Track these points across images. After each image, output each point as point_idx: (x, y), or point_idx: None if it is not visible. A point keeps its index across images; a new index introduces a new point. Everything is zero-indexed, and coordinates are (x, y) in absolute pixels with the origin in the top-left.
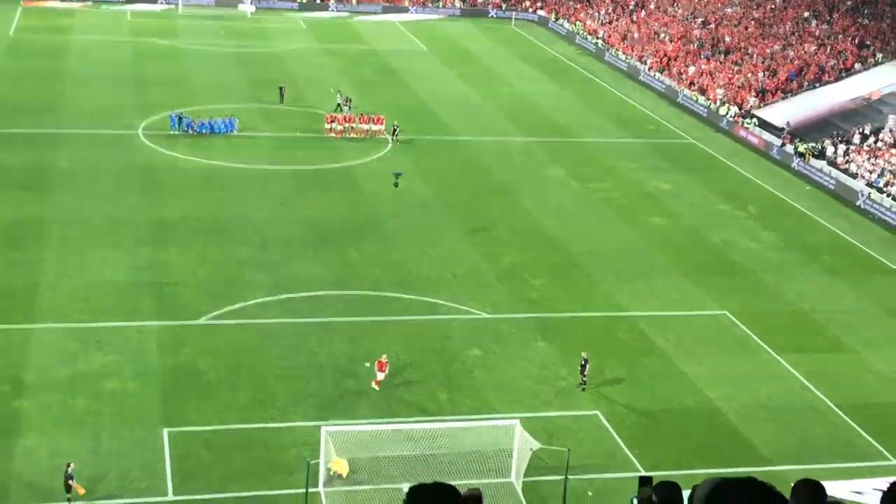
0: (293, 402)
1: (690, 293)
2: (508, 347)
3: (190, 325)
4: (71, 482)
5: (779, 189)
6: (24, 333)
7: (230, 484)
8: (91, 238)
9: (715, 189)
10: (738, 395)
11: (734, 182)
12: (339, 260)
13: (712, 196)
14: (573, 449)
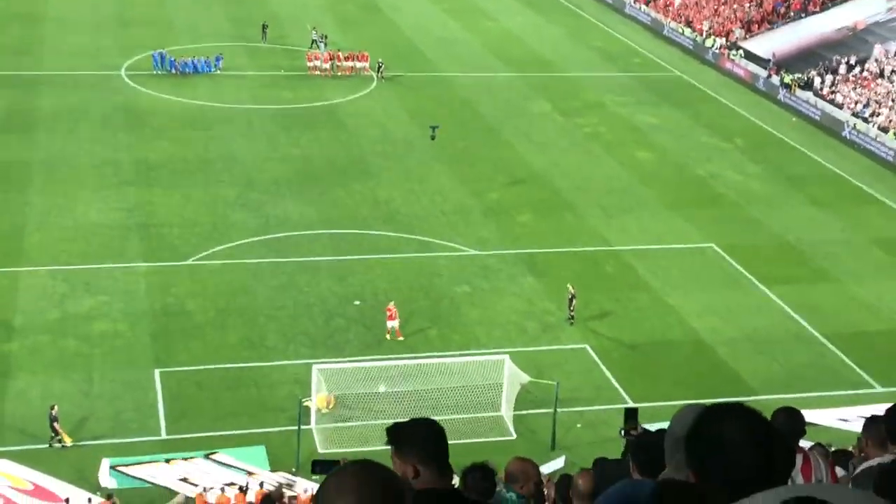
0: (283, 341)
1: (677, 226)
2: (496, 283)
3: (178, 266)
4: (56, 425)
5: (765, 121)
6: (11, 276)
7: (222, 422)
8: (76, 180)
9: (701, 122)
10: (725, 327)
11: (720, 115)
12: (326, 199)
13: (698, 129)
14: (562, 382)
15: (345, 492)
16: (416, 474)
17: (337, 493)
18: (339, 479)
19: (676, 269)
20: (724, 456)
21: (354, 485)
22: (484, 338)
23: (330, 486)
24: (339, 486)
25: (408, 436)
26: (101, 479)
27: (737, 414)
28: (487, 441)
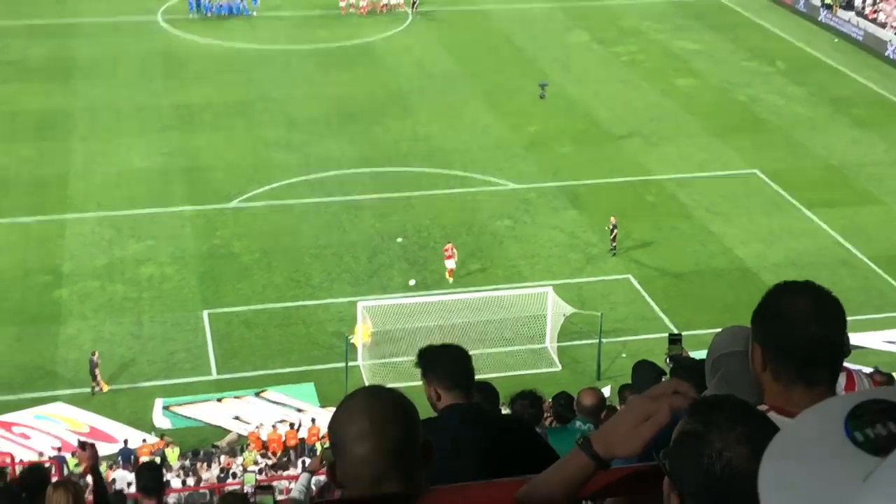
0: (328, 279)
1: (719, 153)
2: (538, 217)
3: (222, 208)
4: (95, 371)
5: (806, 43)
6: (59, 224)
7: (272, 361)
8: (118, 126)
9: (741, 46)
10: (769, 252)
11: (761, 38)
12: (366, 137)
13: (739, 53)
14: (606, 313)
15: (357, 416)
16: (438, 397)
17: (349, 419)
18: (350, 404)
19: (719, 196)
20: (791, 327)
21: (366, 408)
22: (527, 271)
23: (342, 412)
24: (351, 412)
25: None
26: (154, 419)
27: (807, 288)
28: (533, 373)
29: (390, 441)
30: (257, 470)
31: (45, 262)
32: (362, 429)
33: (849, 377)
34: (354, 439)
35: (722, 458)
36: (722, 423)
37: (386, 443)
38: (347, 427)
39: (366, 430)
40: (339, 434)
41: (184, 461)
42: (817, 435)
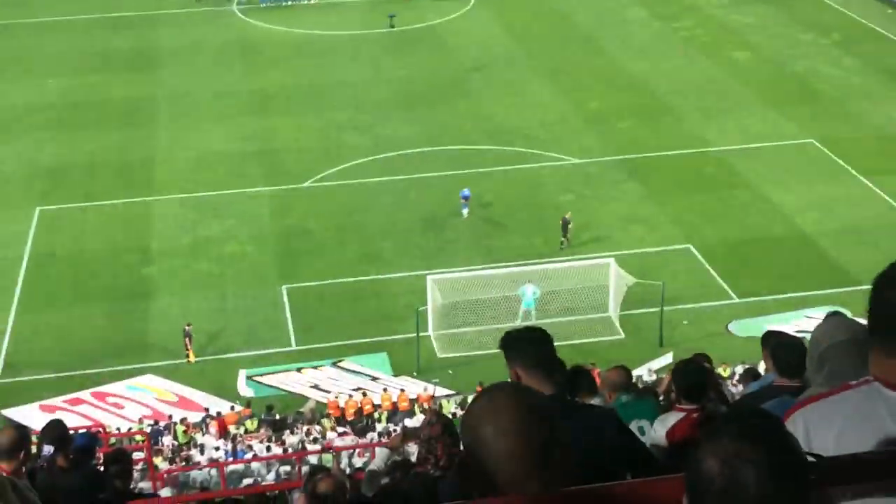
0: (398, 254)
1: (776, 124)
2: (599, 190)
3: (297, 188)
4: (187, 341)
5: (860, 14)
6: (146, 205)
7: (347, 332)
8: (198, 112)
9: (796, 18)
10: (827, 220)
11: (815, 10)
12: (431, 117)
13: (794, 26)
14: (667, 282)
15: (496, 413)
16: (518, 379)
17: (486, 415)
18: (489, 399)
19: (777, 166)
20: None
21: (512, 403)
22: (589, 243)
23: (479, 407)
24: (488, 408)
25: (510, 344)
26: (239, 388)
27: None
28: (597, 341)
29: (537, 439)
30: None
31: (134, 241)
32: (510, 422)
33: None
34: (499, 434)
35: (699, 470)
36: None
37: (533, 441)
38: (491, 421)
39: (513, 424)
40: (480, 429)
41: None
42: None
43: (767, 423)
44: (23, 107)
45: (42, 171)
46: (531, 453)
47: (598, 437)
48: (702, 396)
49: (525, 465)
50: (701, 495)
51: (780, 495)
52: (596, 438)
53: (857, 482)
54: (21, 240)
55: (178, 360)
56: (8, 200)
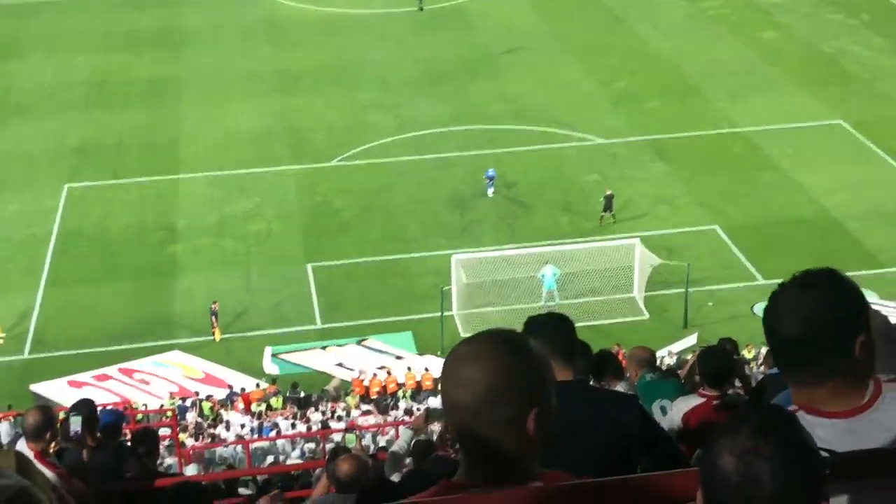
0: (423, 234)
1: (804, 104)
2: (625, 170)
3: (323, 167)
4: (213, 319)
5: None
6: (172, 183)
7: (372, 311)
8: (224, 91)
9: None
10: (854, 202)
11: None
12: (456, 96)
13: (823, 6)
14: (692, 263)
15: (481, 357)
16: None
17: (472, 362)
18: (472, 344)
19: (804, 147)
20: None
21: (491, 349)
22: (615, 223)
23: (461, 352)
24: (473, 354)
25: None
26: (264, 366)
27: None
28: (621, 322)
29: (519, 382)
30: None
31: (160, 219)
32: (473, 373)
33: None
34: (456, 385)
35: (715, 466)
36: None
37: (515, 385)
38: (469, 363)
39: (493, 367)
40: (443, 378)
41: (292, 406)
42: None
43: (782, 418)
44: (51, 85)
45: (70, 150)
46: (511, 397)
47: (617, 422)
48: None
49: (503, 410)
50: (716, 491)
51: (795, 491)
52: (615, 423)
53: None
54: (49, 217)
55: (204, 337)
56: (36, 178)
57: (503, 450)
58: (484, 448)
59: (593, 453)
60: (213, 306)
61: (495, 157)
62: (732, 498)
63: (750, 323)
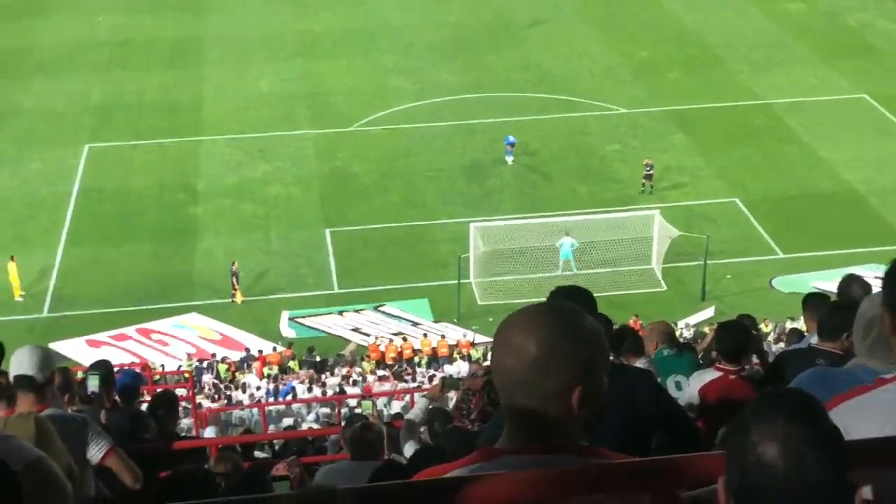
0: (442, 201)
1: (828, 78)
2: (646, 141)
3: (343, 132)
4: (234, 280)
5: None
6: (193, 145)
7: (389, 277)
8: (246, 53)
9: None
10: (877, 177)
11: None
12: (478, 64)
13: None
14: (711, 235)
15: (533, 327)
16: None
17: (523, 330)
18: (528, 313)
19: (827, 121)
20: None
21: (545, 320)
22: (634, 194)
23: (516, 322)
24: (526, 323)
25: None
26: (281, 329)
27: None
28: (638, 293)
29: (575, 356)
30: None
31: (181, 181)
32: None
33: None
34: (509, 354)
35: (755, 452)
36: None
37: (573, 357)
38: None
39: (546, 338)
40: (511, 338)
41: (308, 370)
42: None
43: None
44: (73, 44)
45: (91, 109)
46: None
47: (633, 398)
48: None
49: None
50: (757, 477)
51: (835, 475)
52: (632, 400)
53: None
54: (70, 176)
55: (222, 299)
56: (58, 137)
57: (546, 420)
58: (527, 417)
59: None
60: (234, 267)
61: (516, 124)
62: (778, 484)
63: (768, 296)
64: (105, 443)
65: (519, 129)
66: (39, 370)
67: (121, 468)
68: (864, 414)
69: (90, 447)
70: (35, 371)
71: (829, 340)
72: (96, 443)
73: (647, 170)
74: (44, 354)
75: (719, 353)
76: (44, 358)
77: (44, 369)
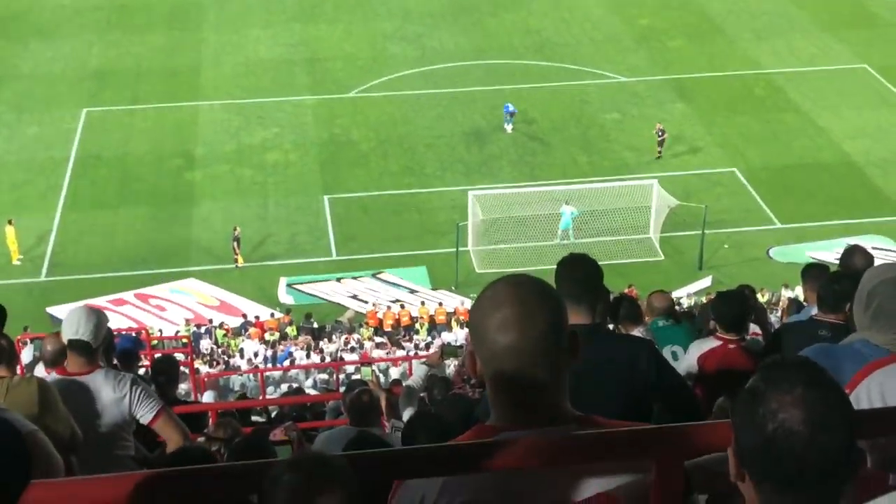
0: (441, 168)
1: (829, 47)
2: (646, 110)
3: (342, 98)
4: (234, 245)
5: None
6: (191, 110)
7: (387, 244)
8: (245, 18)
9: None
10: (876, 147)
11: None
12: (479, 30)
13: None
14: (710, 205)
15: (501, 303)
16: None
17: (492, 306)
18: (492, 292)
19: (828, 91)
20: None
21: (510, 295)
22: (633, 163)
23: (485, 300)
24: (494, 299)
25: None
26: (279, 295)
27: None
28: (636, 262)
29: (536, 329)
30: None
31: (179, 146)
32: (506, 316)
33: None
34: (498, 328)
35: (776, 419)
36: (782, 384)
37: (531, 330)
38: (491, 315)
39: (509, 317)
40: (480, 323)
41: (307, 336)
42: None
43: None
44: (71, 7)
45: (89, 73)
46: (534, 342)
47: (632, 366)
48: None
49: (527, 355)
50: (782, 443)
51: (852, 439)
52: (630, 368)
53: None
54: (68, 140)
55: (220, 265)
56: (55, 101)
57: (539, 388)
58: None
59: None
60: (236, 232)
61: (515, 92)
62: (802, 449)
63: (765, 266)
64: (155, 403)
65: (518, 97)
66: (93, 336)
67: (169, 428)
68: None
69: (140, 407)
70: (90, 336)
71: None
72: (147, 403)
73: (660, 135)
74: (98, 321)
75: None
76: (97, 324)
77: (97, 335)
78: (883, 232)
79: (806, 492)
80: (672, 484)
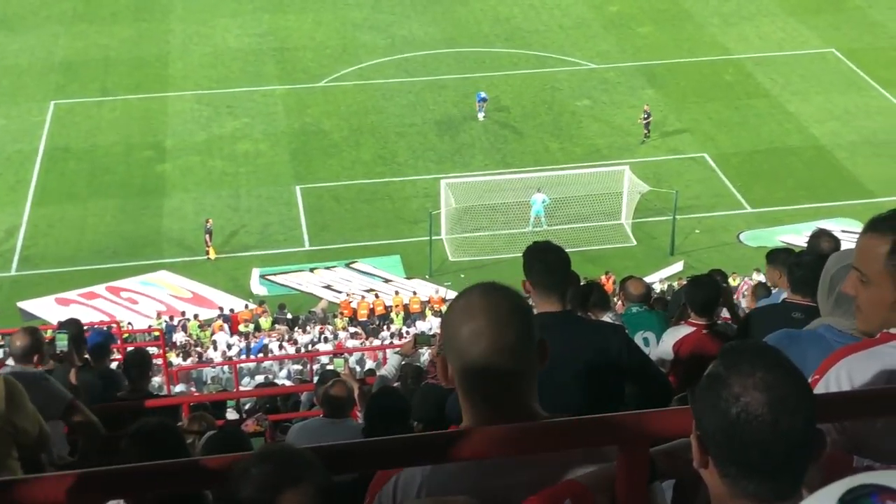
0: (413, 157)
1: (797, 32)
2: (616, 96)
3: (312, 87)
4: (207, 237)
5: None
6: (160, 101)
7: (360, 234)
8: (213, 8)
9: None
10: (844, 131)
11: None
12: (448, 18)
13: None
14: (681, 190)
15: (473, 314)
16: (528, 293)
17: (464, 316)
18: (464, 302)
19: (796, 75)
20: None
21: (482, 305)
22: (605, 149)
23: (457, 310)
24: (466, 309)
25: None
26: (252, 287)
27: None
28: (608, 248)
29: (507, 339)
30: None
31: (148, 137)
32: (479, 326)
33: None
34: (470, 338)
35: (738, 403)
36: (743, 368)
37: (502, 340)
38: (463, 324)
39: (482, 327)
40: (453, 333)
41: (280, 327)
42: None
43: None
44: None
45: (56, 65)
46: (505, 351)
47: (604, 352)
48: (713, 312)
49: (500, 362)
50: (745, 427)
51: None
52: (602, 354)
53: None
54: (36, 133)
55: (192, 257)
56: (23, 93)
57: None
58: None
59: (580, 384)
60: (208, 224)
61: (486, 80)
62: (767, 433)
63: (736, 251)
64: (64, 397)
65: (490, 84)
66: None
67: (83, 421)
68: (869, 366)
69: (52, 402)
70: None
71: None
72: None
73: (645, 117)
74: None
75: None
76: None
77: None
78: (852, 214)
79: (770, 474)
80: (637, 471)
